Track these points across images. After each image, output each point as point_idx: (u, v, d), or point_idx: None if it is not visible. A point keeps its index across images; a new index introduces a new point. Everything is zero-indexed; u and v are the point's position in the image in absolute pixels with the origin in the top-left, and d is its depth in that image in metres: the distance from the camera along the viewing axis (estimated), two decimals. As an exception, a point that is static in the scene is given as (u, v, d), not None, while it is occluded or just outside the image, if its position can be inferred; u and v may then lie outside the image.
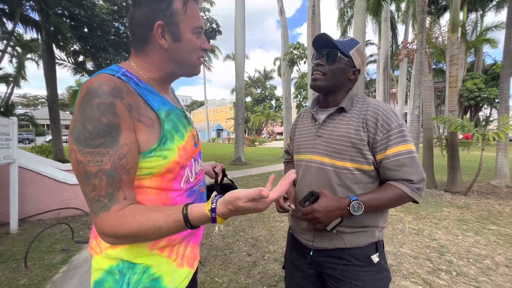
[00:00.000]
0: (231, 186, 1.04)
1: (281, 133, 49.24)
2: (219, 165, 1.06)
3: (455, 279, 2.27)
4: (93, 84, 0.56)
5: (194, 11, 0.68)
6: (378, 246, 0.95)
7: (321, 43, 0.96)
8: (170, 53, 0.67)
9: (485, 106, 21.00)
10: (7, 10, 7.24)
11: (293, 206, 0.96)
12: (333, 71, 0.94)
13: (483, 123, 21.92)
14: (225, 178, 1.06)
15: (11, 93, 14.55)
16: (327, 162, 0.93)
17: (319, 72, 0.95)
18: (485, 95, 18.93)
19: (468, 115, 21.28)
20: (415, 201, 0.88)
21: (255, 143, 27.21)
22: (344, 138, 0.91)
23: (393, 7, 16.98)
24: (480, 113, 22.79)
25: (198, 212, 0.58)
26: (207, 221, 0.59)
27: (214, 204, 0.58)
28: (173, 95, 0.83)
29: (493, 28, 18.33)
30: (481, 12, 19.32)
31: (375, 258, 0.93)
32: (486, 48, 21.37)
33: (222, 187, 1.04)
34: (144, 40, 0.66)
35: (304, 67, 14.82)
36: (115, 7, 8.80)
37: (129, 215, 0.57)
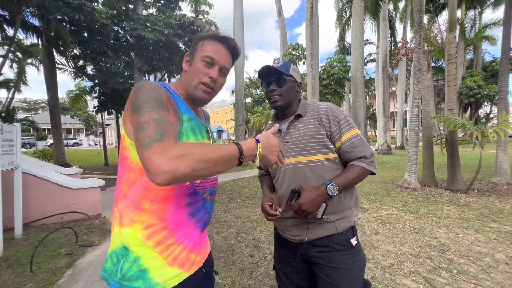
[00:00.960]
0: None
1: (281, 134, 48.93)
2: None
3: (456, 277, 2.29)
4: (143, 81, 0.74)
5: (210, 45, 0.83)
6: (354, 231, 1.10)
7: (267, 73, 1.14)
8: (187, 74, 0.85)
9: (485, 103, 20.98)
10: (7, 17, 7.31)
11: (280, 209, 1.06)
12: (286, 91, 1.13)
13: (484, 120, 21.89)
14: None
15: (12, 98, 14.63)
16: (300, 160, 1.09)
17: (275, 95, 1.14)
18: (485, 92, 18.91)
19: (468, 112, 21.27)
20: (373, 173, 1.08)
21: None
22: (308, 136, 1.09)
23: (391, 6, 17.01)
24: (481, 110, 22.77)
25: (246, 141, 0.72)
26: (252, 142, 0.71)
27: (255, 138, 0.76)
28: (202, 115, 0.96)
29: (491, 25, 18.30)
30: (479, 9, 19.32)
31: (353, 241, 1.07)
32: (485, 45, 21.31)
33: None
34: (183, 64, 0.89)
35: (303, 67, 14.84)
36: (115, 11, 8.85)
37: (185, 143, 0.66)
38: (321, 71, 12.54)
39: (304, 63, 12.17)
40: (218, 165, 0.62)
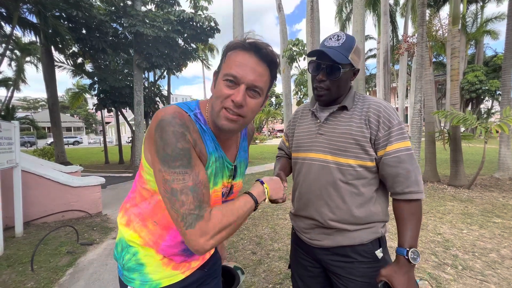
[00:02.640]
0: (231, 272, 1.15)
1: (281, 131, 49.17)
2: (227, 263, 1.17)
3: (461, 273, 2.27)
4: (167, 114, 0.64)
5: (234, 59, 0.67)
6: (381, 242, 0.96)
7: (319, 55, 0.92)
8: (212, 98, 0.72)
9: (487, 98, 20.88)
10: (4, 13, 7.21)
11: (286, 184, 0.95)
12: (336, 84, 0.92)
13: (485, 115, 21.80)
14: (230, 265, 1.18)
15: (11, 97, 14.58)
16: (330, 159, 0.94)
17: (322, 88, 0.94)
18: (486, 87, 18.83)
19: (469, 107, 21.19)
20: None
21: (256, 141, 27.21)
22: (347, 135, 0.91)
23: (391, 0, 16.84)
24: (482, 106, 22.68)
25: (253, 186, 0.78)
26: (259, 186, 0.79)
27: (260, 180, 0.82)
28: (236, 143, 0.85)
29: (493, 19, 18.15)
30: (481, 3, 19.13)
31: (379, 253, 0.94)
32: (486, 40, 21.23)
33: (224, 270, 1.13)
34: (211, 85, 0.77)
35: (303, 63, 14.75)
36: (113, 8, 8.74)
37: (219, 210, 0.66)
38: (322, 67, 12.41)
39: (304, 59, 12.09)
40: (242, 222, 0.71)
